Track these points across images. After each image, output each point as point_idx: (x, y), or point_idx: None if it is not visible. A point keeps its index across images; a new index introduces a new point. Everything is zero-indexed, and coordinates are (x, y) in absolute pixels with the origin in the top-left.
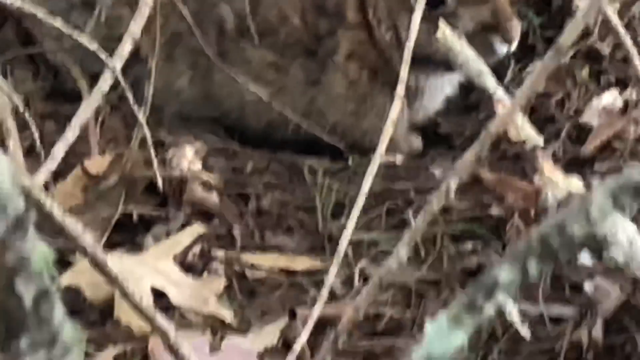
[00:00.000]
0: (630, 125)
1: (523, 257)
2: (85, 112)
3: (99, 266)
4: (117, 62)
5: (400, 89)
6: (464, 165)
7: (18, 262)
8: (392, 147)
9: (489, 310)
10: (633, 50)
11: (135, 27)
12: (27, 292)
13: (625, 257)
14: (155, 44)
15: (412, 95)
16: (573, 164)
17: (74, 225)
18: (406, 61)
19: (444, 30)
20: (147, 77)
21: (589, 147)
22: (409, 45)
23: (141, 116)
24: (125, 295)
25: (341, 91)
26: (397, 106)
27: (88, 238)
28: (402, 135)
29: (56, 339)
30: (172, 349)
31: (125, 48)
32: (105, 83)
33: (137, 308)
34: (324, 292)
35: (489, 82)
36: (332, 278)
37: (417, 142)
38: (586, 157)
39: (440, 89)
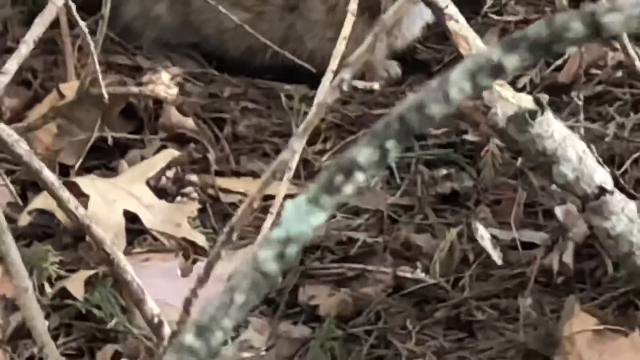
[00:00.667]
0: (609, 52)
1: (382, 137)
2: (38, 27)
3: (34, 174)
4: None
5: (353, 5)
6: (356, 59)
7: None
8: (370, 74)
9: (348, 190)
10: None
11: None
12: None
13: (574, 173)
14: None
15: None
16: (550, 91)
17: (8, 132)
18: None
19: None
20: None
21: (566, 73)
22: None
23: (91, 39)
24: (59, 201)
25: (320, 17)
26: (349, 22)
27: (23, 145)
28: (381, 61)
29: None
30: (108, 259)
31: None
32: (53, 4)
33: (70, 214)
34: (274, 210)
35: None
36: (282, 195)
37: (395, 68)
38: (563, 83)
39: (419, 16)
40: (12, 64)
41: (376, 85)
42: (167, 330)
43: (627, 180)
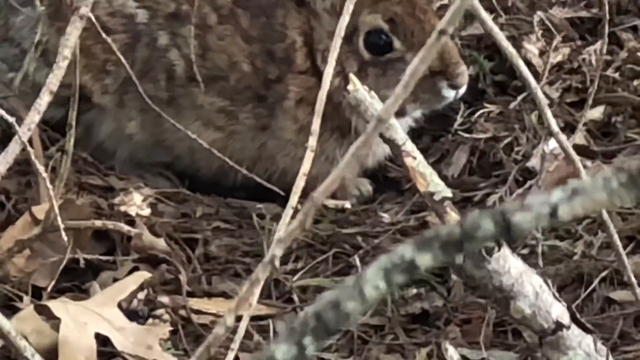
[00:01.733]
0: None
1: (299, 333)
2: (1, 165)
3: None
4: (35, 115)
5: (312, 141)
6: (287, 235)
7: None
8: (342, 192)
9: None
10: (543, 100)
11: (54, 80)
12: None
13: (531, 308)
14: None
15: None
16: None
17: None
18: (318, 113)
19: (355, 83)
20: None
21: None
22: (322, 96)
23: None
24: (16, 350)
25: (291, 136)
26: (308, 159)
27: None
28: (352, 179)
29: None
30: None
31: (44, 101)
32: (16, 143)
33: None
34: (237, 339)
35: (398, 134)
36: (245, 324)
37: (367, 186)
38: None
39: None
40: None
41: (347, 204)
42: None
43: (596, 299)
